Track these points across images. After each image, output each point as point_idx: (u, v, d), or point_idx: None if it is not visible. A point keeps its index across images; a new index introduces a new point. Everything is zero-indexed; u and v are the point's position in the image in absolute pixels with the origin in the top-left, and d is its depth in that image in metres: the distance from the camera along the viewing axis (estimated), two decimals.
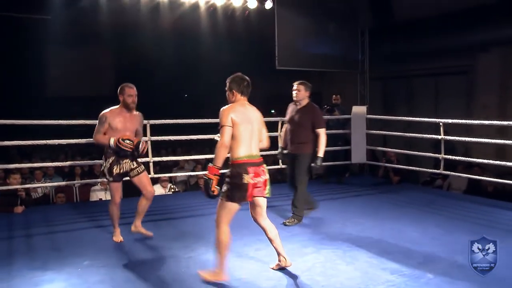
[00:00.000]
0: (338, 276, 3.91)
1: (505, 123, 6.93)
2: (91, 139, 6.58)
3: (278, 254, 3.99)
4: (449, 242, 4.77)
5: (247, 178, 3.62)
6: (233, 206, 3.70)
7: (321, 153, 5.50)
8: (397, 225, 5.52)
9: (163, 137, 7.11)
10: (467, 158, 7.59)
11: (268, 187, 3.77)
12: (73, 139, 6.74)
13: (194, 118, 7.51)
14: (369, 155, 8.83)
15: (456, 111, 9.89)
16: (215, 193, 3.60)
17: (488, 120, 7.15)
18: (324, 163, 8.17)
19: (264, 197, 3.80)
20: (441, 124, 7.12)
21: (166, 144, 12.67)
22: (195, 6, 8.79)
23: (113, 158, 4.79)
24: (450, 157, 7.19)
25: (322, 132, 5.50)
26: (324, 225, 5.55)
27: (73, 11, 10.24)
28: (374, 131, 8.72)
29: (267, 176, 3.76)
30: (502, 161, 6.79)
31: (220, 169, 3.60)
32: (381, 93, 12.31)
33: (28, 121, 6.37)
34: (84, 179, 8.53)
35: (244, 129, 3.70)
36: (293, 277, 3.88)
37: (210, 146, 11.35)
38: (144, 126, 6.75)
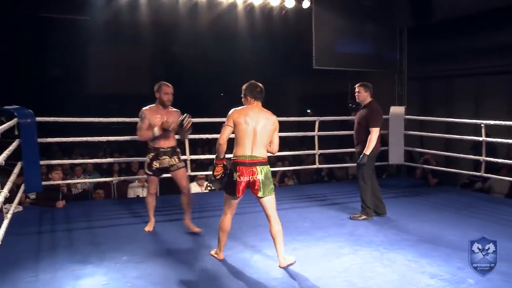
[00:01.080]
0: (375, 279, 3.87)
1: None
2: (129, 137, 6.78)
3: (277, 252, 4.17)
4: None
5: (235, 176, 3.99)
6: (228, 198, 4.17)
7: (367, 151, 5.65)
8: (435, 228, 5.42)
9: (199, 135, 7.17)
10: (510, 161, 7.38)
11: (260, 187, 3.98)
12: (110, 136, 6.87)
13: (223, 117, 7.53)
14: (406, 156, 8.70)
15: (498, 112, 9.61)
16: (218, 177, 4.14)
17: None
18: (344, 165, 8.23)
19: (257, 196, 4.03)
20: (482, 125, 6.95)
21: (203, 143, 12.77)
22: (233, 6, 8.83)
23: (153, 154, 5.10)
24: (492, 159, 7.01)
25: (374, 131, 5.68)
26: (360, 226, 5.50)
27: (111, 11, 10.46)
28: (412, 132, 8.58)
29: (257, 177, 3.97)
30: None
31: (222, 160, 4.18)
32: (419, 94, 12.08)
33: (69, 119, 6.52)
34: (121, 176, 8.70)
35: (244, 130, 4.06)
36: (330, 278, 3.86)
37: None
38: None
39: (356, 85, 5.95)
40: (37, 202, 6.58)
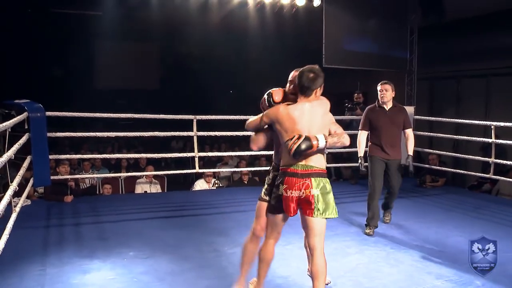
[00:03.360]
0: (382, 279, 3.86)
1: None
2: (138, 133, 6.81)
3: None
4: (498, 250, 4.63)
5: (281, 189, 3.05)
6: (274, 218, 3.20)
7: (411, 152, 5.46)
8: (442, 229, 5.40)
9: (208, 132, 7.17)
10: None
11: (316, 205, 2.99)
12: (119, 132, 6.89)
13: (239, 115, 7.53)
14: (415, 157, 8.64)
15: (508, 113, 9.55)
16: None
17: None
18: (351, 164, 8.19)
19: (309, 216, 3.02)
20: (492, 127, 6.90)
21: (211, 140, 12.81)
22: (243, 3, 8.82)
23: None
24: (501, 161, 6.96)
25: (412, 132, 5.49)
26: None
27: (123, 7, 10.51)
28: (422, 132, 8.54)
29: (313, 192, 2.98)
30: None
31: None
32: (428, 94, 12.02)
33: (78, 113, 6.55)
34: (129, 172, 8.75)
35: None
36: (337, 277, 3.85)
37: None
38: (191, 122, 6.88)
39: (382, 83, 5.44)
40: (45, 196, 6.63)
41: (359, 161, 5.36)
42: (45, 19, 11.88)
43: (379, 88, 5.41)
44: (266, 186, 3.36)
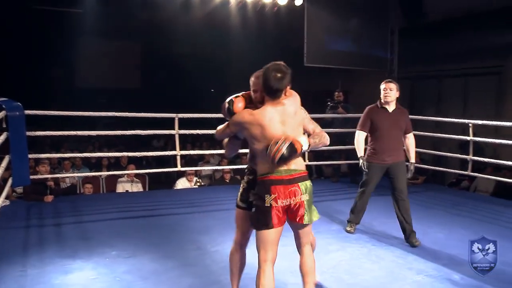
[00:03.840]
0: (363, 275, 3.91)
1: None
2: (119, 131, 6.76)
3: None
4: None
5: (269, 200, 2.82)
6: (263, 235, 2.92)
7: (414, 158, 5.10)
8: (422, 226, 5.46)
9: (190, 131, 7.16)
10: (496, 160, 7.46)
11: (306, 211, 2.91)
12: (99, 130, 6.83)
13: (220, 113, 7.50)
14: None
15: (486, 112, 9.72)
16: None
17: None
18: (332, 162, 8.26)
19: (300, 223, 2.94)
20: (470, 125, 7.02)
21: (192, 138, 12.79)
22: (226, 2, 8.82)
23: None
24: (479, 158, 7.09)
25: (412, 136, 5.13)
26: None
27: (104, 5, 10.42)
28: None
29: (303, 199, 2.88)
30: None
31: None
32: (409, 93, 12.17)
33: (58, 112, 6.47)
34: (110, 171, 8.68)
35: None
36: (319, 273, 3.87)
37: None
38: (171, 120, 6.86)
39: (386, 82, 5.05)
40: (24, 196, 6.54)
41: (361, 161, 5.02)
42: (25, 16, 11.74)
43: (382, 86, 5.01)
44: (241, 191, 3.17)
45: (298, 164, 2.89)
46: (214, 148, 11.39)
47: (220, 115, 7.68)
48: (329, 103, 8.55)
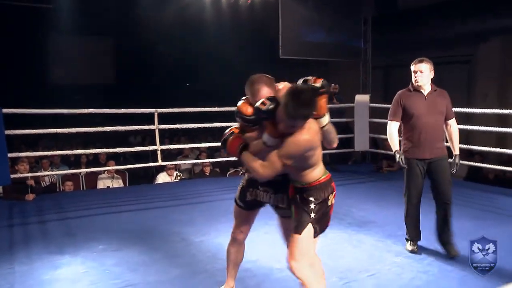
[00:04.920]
0: (345, 258, 4.07)
1: (506, 111, 7.05)
2: (101, 128, 6.76)
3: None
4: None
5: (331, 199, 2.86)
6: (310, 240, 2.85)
7: (457, 149, 4.30)
8: (400, 210, 5.58)
9: (170, 125, 7.22)
10: (468, 146, 7.71)
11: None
12: (75, 127, 6.79)
13: (195, 107, 7.55)
14: (371, 143, 8.98)
15: (457, 99, 9.98)
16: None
17: (489, 108, 7.28)
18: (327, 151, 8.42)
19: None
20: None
21: (170, 133, 12.81)
22: None
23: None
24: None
25: (455, 123, 4.28)
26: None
27: (75, 0, 10.33)
28: (377, 119, 8.83)
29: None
30: (503, 149, 6.92)
31: None
32: (383, 82, 12.41)
33: (36, 110, 6.46)
34: (89, 168, 8.68)
35: None
36: None
37: (213, 134, 11.54)
38: (149, 116, 6.92)
39: (415, 62, 4.23)
40: (5, 195, 6.51)
41: (397, 156, 4.24)
42: None
43: (412, 68, 4.24)
44: (240, 189, 3.10)
45: None
46: (193, 142, 11.47)
47: (198, 109, 7.81)
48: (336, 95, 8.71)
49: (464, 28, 9.85)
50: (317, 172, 2.75)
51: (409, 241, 4.32)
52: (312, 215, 2.74)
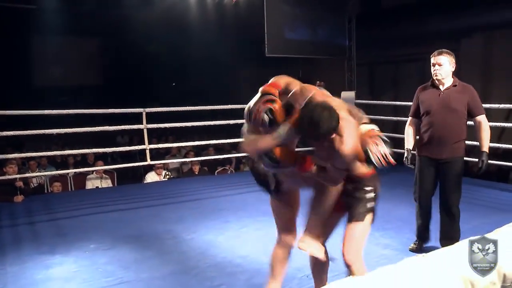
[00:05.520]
0: (335, 251, 4.13)
1: (487, 106, 7.18)
2: (89, 128, 6.76)
3: None
4: (435, 220, 5.02)
5: None
6: None
7: (486, 147, 3.93)
8: (387, 205, 5.71)
9: (158, 124, 7.24)
10: None
11: None
12: (62, 128, 6.78)
13: (182, 106, 7.58)
14: None
15: None
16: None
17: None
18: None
19: None
20: None
21: (157, 133, 12.82)
22: None
23: None
24: None
25: (485, 120, 3.96)
26: None
27: (59, 1, 10.28)
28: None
29: None
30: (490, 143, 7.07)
31: None
32: (368, 79, 12.54)
33: (23, 112, 6.45)
34: (78, 168, 8.68)
35: None
36: (292, 252, 4.10)
37: (200, 133, 11.57)
38: (139, 114, 6.94)
39: (435, 55, 4.02)
40: None
41: (405, 154, 4.19)
42: None
43: (432, 61, 4.03)
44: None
45: None
46: (180, 141, 11.49)
47: (185, 108, 7.84)
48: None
49: (446, 24, 9.99)
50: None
51: (416, 240, 4.26)
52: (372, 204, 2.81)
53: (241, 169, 9.71)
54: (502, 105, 6.85)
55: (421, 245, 4.19)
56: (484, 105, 6.66)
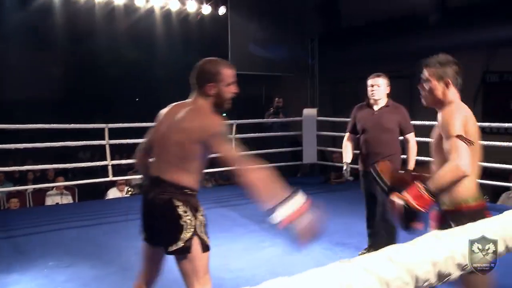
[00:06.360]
0: (295, 266, 4.18)
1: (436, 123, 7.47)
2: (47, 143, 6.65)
3: None
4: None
5: None
6: None
7: (412, 165, 4.28)
8: (348, 220, 5.87)
9: (121, 140, 7.20)
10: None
11: None
12: (17, 143, 6.65)
13: (145, 122, 7.55)
14: (319, 156, 9.24)
15: None
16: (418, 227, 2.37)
17: (429, 121, 7.68)
18: (272, 164, 8.60)
19: None
20: None
21: (118, 148, 12.65)
22: (150, 11, 8.92)
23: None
24: None
25: (413, 138, 4.35)
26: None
27: (19, 13, 10.13)
28: (324, 132, 9.11)
29: None
30: None
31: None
32: (330, 96, 12.77)
33: None
34: (37, 184, 8.51)
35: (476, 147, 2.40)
36: (254, 268, 4.15)
37: None
38: (102, 130, 6.88)
39: (372, 77, 4.42)
40: None
41: (344, 167, 4.52)
42: None
43: (369, 82, 4.41)
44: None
45: None
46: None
47: (149, 124, 7.75)
48: (271, 109, 8.90)
49: (406, 45, 10.32)
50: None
51: (365, 249, 4.52)
52: None
53: (204, 185, 9.71)
54: None
55: (370, 252, 4.26)
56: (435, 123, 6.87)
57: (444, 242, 1.45)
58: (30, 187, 8.21)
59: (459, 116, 2.37)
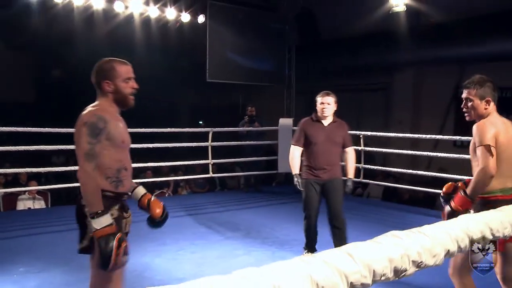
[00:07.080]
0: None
1: (417, 136, 7.64)
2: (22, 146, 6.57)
3: None
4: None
5: None
6: None
7: (351, 174, 4.85)
8: (320, 229, 5.90)
9: None
10: (385, 168, 8.25)
11: None
12: None
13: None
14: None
15: (375, 124, 10.63)
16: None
17: (403, 133, 7.86)
18: (248, 173, 8.70)
19: None
20: (361, 136, 7.71)
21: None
22: (130, 17, 8.90)
23: (117, 206, 2.70)
24: (370, 166, 7.80)
25: (353, 151, 4.91)
26: (254, 230, 5.89)
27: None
28: None
29: None
30: (415, 170, 7.49)
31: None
32: (306, 106, 12.89)
33: None
34: (8, 188, 8.36)
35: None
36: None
37: (139, 155, 11.39)
38: (70, 136, 6.79)
39: (323, 95, 4.79)
40: None
41: (295, 179, 4.78)
42: None
43: (319, 100, 4.75)
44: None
45: None
46: None
47: (137, 130, 7.76)
48: (246, 117, 8.95)
49: (380, 58, 10.52)
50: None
51: (306, 250, 4.84)
52: None
53: (179, 192, 9.69)
54: (429, 136, 7.26)
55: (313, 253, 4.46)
56: (414, 136, 7.24)
57: (400, 240, 1.56)
58: (2, 191, 8.05)
59: (490, 129, 2.82)
